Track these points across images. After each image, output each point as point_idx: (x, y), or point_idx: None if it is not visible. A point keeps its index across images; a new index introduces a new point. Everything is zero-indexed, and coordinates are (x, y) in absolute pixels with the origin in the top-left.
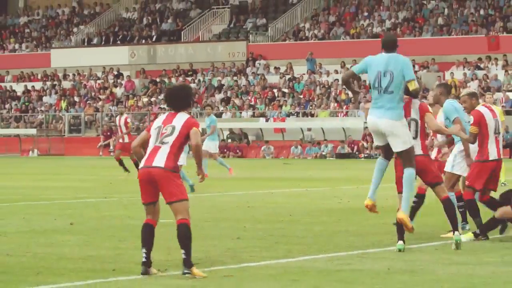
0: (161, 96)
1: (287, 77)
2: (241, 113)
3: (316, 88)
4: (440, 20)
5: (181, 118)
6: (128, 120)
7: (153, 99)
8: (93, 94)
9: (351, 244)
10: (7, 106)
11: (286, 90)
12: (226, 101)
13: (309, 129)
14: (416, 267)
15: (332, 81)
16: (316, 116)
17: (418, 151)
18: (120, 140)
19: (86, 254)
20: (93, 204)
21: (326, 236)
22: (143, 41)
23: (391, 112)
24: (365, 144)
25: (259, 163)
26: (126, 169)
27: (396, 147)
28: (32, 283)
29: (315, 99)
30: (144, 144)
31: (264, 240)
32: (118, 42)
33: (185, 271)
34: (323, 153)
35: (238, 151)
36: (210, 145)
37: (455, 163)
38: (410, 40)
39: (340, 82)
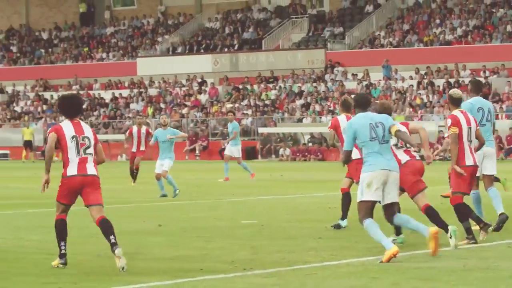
0: (244, 102)
1: (364, 83)
2: (321, 118)
3: (392, 94)
4: (509, 28)
5: (87, 129)
6: (150, 130)
7: (236, 105)
8: (178, 100)
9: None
10: (95, 113)
11: None
12: (306, 106)
13: None
14: (490, 264)
15: (407, 87)
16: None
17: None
18: (142, 148)
19: (174, 255)
20: (181, 206)
21: (405, 234)
22: (226, 49)
23: (395, 163)
24: (439, 146)
25: (338, 166)
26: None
27: (393, 198)
28: (122, 282)
29: (391, 104)
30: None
31: (344, 240)
32: (202, 50)
33: (117, 249)
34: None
35: (318, 154)
36: (233, 150)
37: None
38: (481, 47)
39: (414, 88)
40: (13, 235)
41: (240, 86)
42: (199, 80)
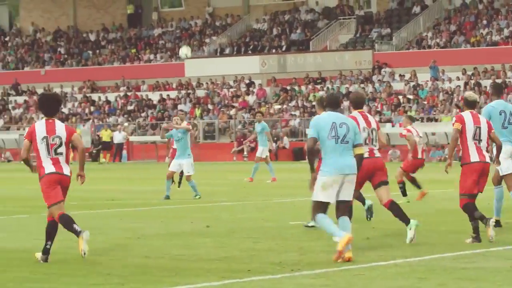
0: (292, 103)
1: (412, 84)
2: None
3: (439, 94)
4: None
5: (61, 127)
6: None
7: (284, 106)
8: (226, 102)
9: (475, 243)
10: (143, 114)
11: (410, 97)
12: None
13: (433, 134)
14: None
15: (454, 87)
16: (440, 121)
17: (378, 154)
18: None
19: (221, 255)
20: (228, 207)
21: (451, 235)
22: (273, 50)
23: (354, 164)
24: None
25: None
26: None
27: (346, 196)
28: (170, 283)
29: (439, 105)
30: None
31: (392, 240)
32: (249, 52)
33: (85, 233)
34: (447, 156)
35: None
36: (261, 150)
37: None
38: None
39: (461, 89)
40: (62, 237)
41: (288, 87)
42: (247, 81)
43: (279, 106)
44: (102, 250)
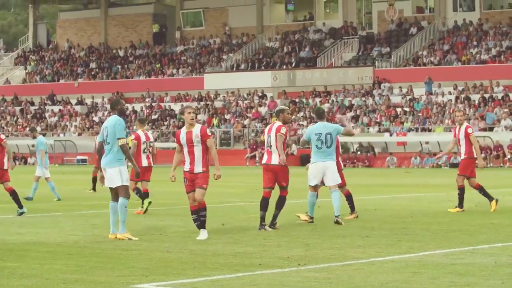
0: (300, 114)
1: (408, 97)
2: (368, 128)
3: (433, 107)
4: None
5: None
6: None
7: (293, 116)
8: (241, 112)
9: (463, 241)
10: (166, 123)
11: (407, 109)
12: (355, 118)
13: (427, 142)
14: None
15: (446, 101)
16: (433, 131)
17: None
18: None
19: (235, 251)
20: (242, 207)
21: (442, 234)
22: (284, 66)
23: (112, 161)
24: (475, 155)
25: (384, 172)
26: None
27: (114, 184)
28: (189, 276)
29: (432, 117)
30: None
31: (389, 238)
32: (262, 67)
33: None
34: (439, 163)
35: (366, 161)
36: (45, 171)
37: None
38: None
39: (453, 102)
40: (90, 232)
41: (297, 100)
42: (260, 94)
43: (293, 117)
44: (128, 245)
